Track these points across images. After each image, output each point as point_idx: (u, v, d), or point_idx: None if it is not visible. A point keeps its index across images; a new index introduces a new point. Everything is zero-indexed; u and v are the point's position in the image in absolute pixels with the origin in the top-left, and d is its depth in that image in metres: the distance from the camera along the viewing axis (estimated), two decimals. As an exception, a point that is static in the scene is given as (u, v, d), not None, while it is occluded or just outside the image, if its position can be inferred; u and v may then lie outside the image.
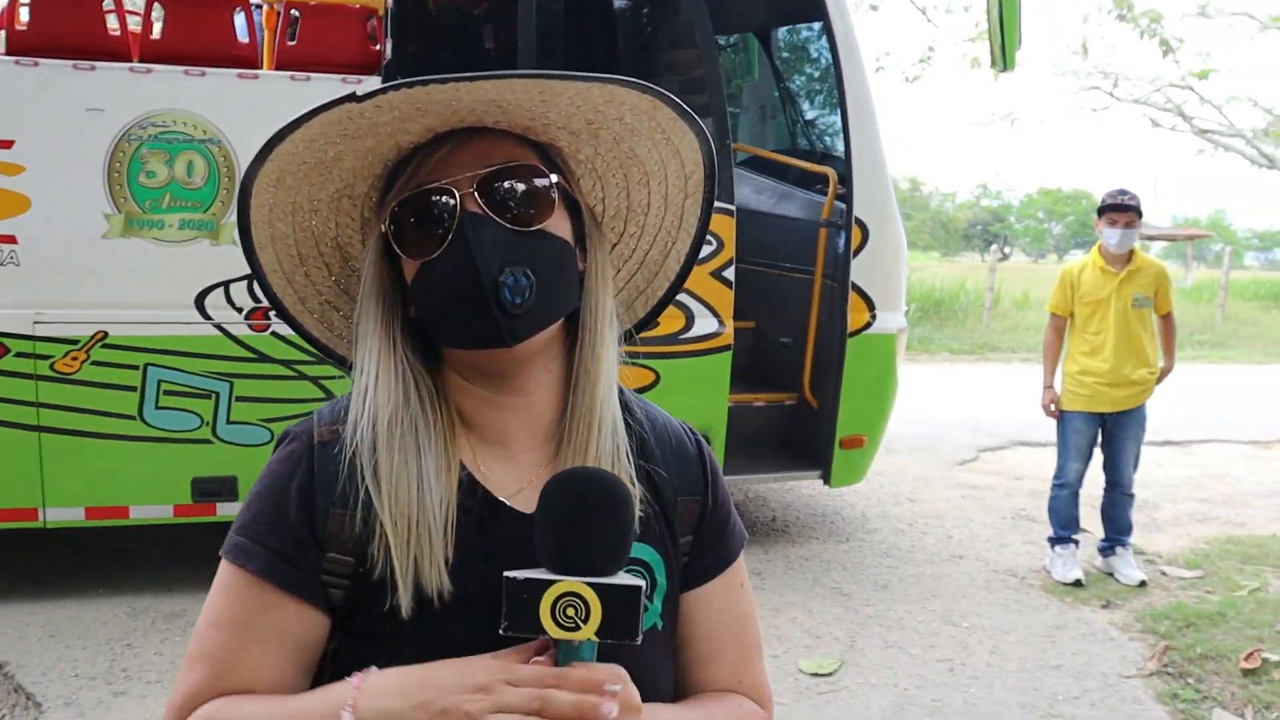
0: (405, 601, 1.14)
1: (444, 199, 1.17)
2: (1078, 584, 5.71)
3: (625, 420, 1.30)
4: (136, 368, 4.94)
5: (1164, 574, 6.01)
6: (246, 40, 5.14)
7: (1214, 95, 25.89)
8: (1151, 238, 42.22)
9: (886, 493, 7.67)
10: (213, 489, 5.12)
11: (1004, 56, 5.85)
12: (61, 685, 4.37)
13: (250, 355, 5.03)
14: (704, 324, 5.54)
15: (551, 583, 1.04)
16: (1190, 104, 28.17)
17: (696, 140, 1.27)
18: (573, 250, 1.25)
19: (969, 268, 33.53)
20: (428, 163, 1.20)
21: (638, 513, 1.19)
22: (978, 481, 8.19)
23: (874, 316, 5.99)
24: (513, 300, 1.15)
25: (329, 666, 1.23)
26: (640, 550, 1.24)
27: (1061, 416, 5.91)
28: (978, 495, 7.73)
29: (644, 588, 1.07)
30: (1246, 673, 4.64)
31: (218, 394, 5.02)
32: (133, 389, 4.95)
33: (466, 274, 1.15)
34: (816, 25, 6.67)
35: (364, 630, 1.19)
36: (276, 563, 1.19)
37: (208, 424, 5.04)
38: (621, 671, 1.07)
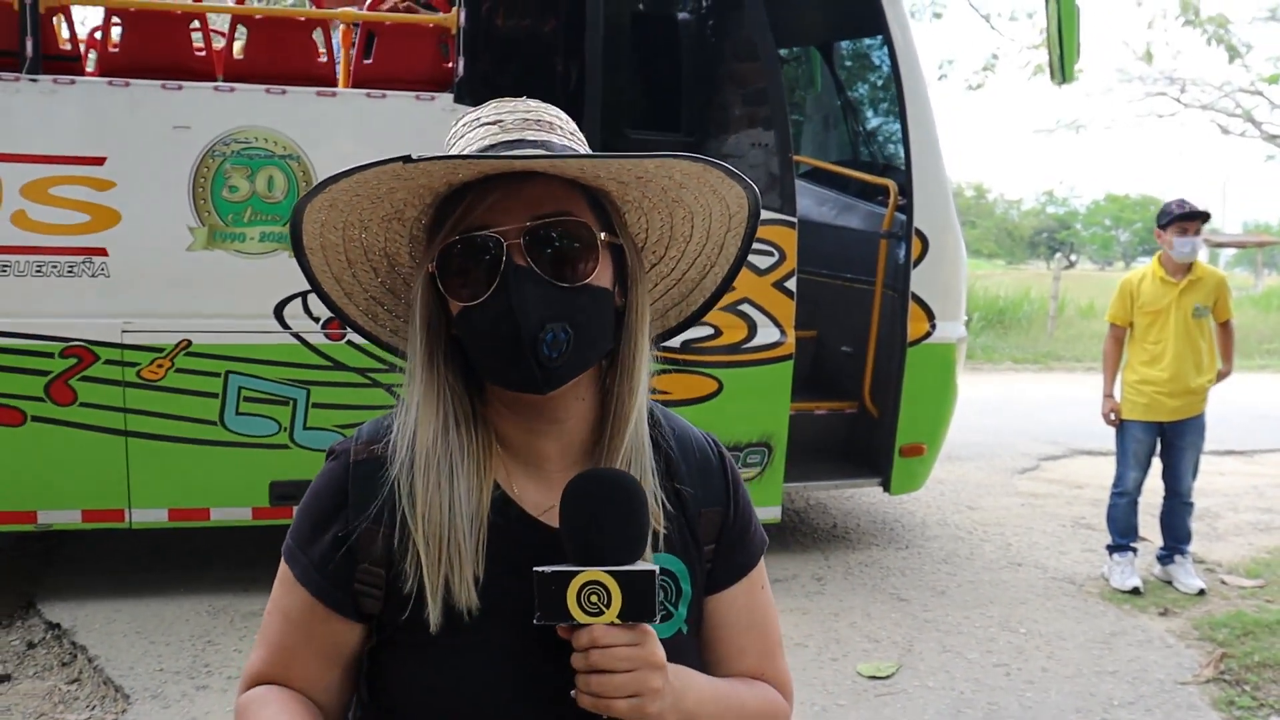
0: (435, 617, 1.23)
1: (490, 246, 1.22)
2: (1135, 592, 5.75)
3: (654, 438, 1.37)
4: (218, 375, 5.13)
5: (1224, 583, 6.03)
6: (325, 59, 5.33)
7: (1284, 101, 25.44)
8: (1221, 244, 41.65)
9: (947, 500, 7.73)
10: (290, 493, 5.30)
11: (1063, 69, 5.93)
12: (147, 679, 4.56)
13: (326, 363, 5.21)
14: (766, 334, 5.66)
15: (576, 573, 1.16)
16: (1260, 109, 27.79)
17: (744, 192, 1.32)
18: (611, 296, 1.30)
19: (1034, 276, 33.26)
20: (478, 206, 1.24)
21: (655, 518, 1.29)
22: (1038, 490, 8.21)
23: (934, 326, 6.07)
24: (550, 355, 1.21)
25: (365, 666, 1.35)
26: (666, 560, 1.33)
27: (1121, 425, 5.95)
28: (1038, 503, 7.77)
29: (657, 572, 1.18)
30: (1304, 681, 4.67)
31: (295, 400, 5.21)
32: (214, 395, 5.15)
33: (508, 326, 1.21)
34: (877, 38, 6.75)
35: (396, 638, 1.29)
36: (311, 572, 1.30)
37: (285, 429, 5.23)
38: (647, 630, 1.18)
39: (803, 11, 7.16)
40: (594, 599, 1.16)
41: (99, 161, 4.89)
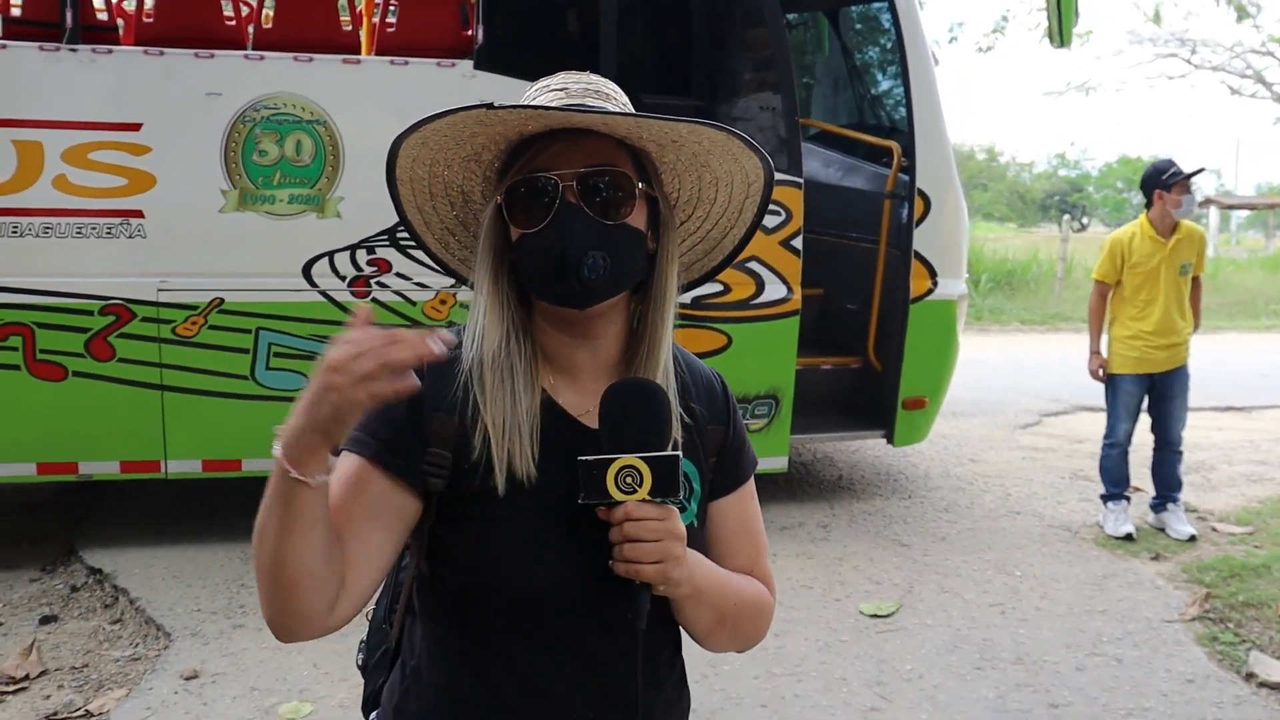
0: (501, 482, 1.46)
1: (549, 187, 1.46)
2: (1128, 538, 5.99)
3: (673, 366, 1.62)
4: (249, 331, 5.37)
5: (1215, 530, 6.27)
6: (349, 28, 5.55)
7: (1296, 61, 25.44)
8: (1232, 206, 41.64)
9: (949, 454, 7.97)
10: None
11: (1061, 33, 6.11)
12: (186, 619, 4.83)
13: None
14: (773, 290, 5.88)
15: (613, 460, 1.39)
16: (1270, 70, 27.78)
17: (760, 163, 1.57)
18: (644, 236, 1.52)
19: (1045, 238, 33.32)
20: (543, 153, 1.47)
21: (676, 421, 1.51)
22: (1039, 444, 8.45)
23: (935, 283, 6.29)
24: (589, 276, 1.44)
25: (425, 545, 1.53)
26: (684, 465, 1.53)
27: (1111, 379, 6.16)
28: (1038, 457, 8.01)
29: (680, 456, 1.42)
30: (1286, 619, 4.91)
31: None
32: (245, 351, 5.39)
33: (557, 250, 1.44)
34: (882, 3, 6.93)
35: (463, 511, 1.49)
36: (384, 452, 1.48)
37: (314, 383, 5.46)
38: (670, 508, 1.42)
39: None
40: (629, 480, 1.39)
41: (135, 128, 5.11)
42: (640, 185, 1.51)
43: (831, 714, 4.10)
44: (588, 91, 1.54)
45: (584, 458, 1.40)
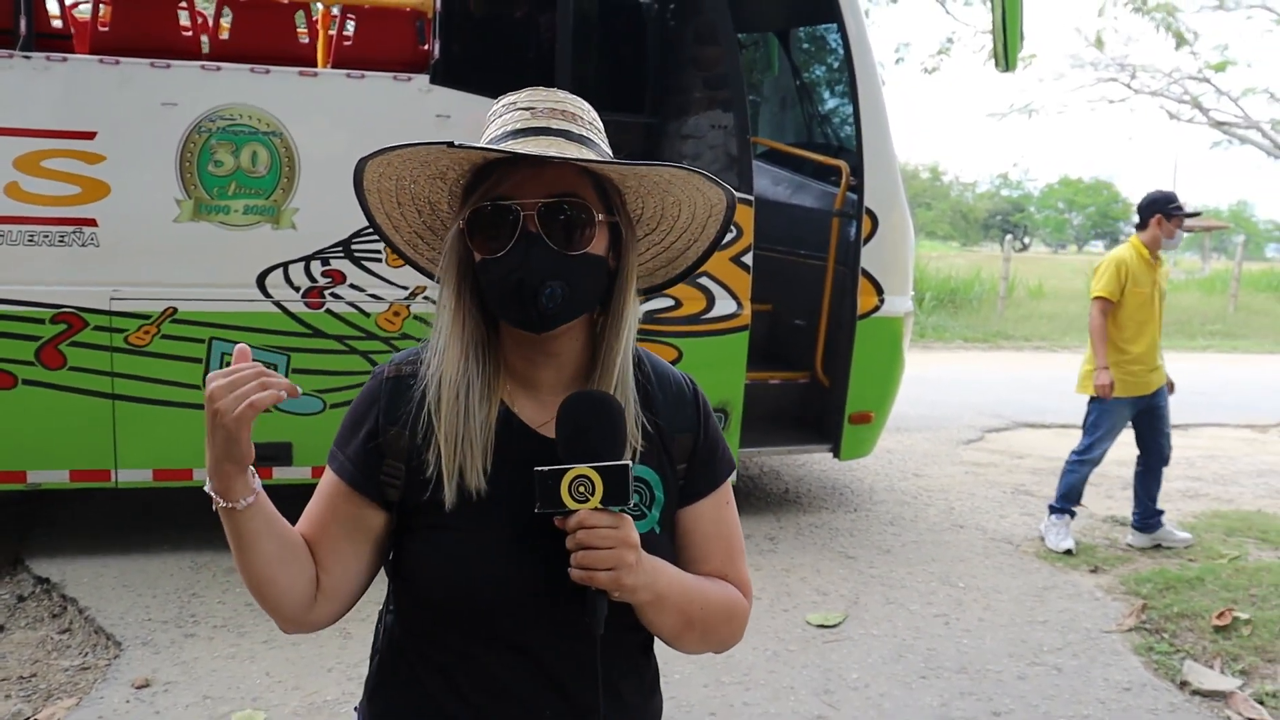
0: (450, 496, 1.52)
1: (511, 215, 1.49)
2: (1068, 553, 6.12)
3: (635, 374, 1.65)
4: (202, 341, 5.38)
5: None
6: (306, 40, 5.58)
7: (1231, 87, 25.99)
8: (1170, 229, 42.39)
9: (894, 468, 8.10)
10: (270, 454, 5.55)
11: (1006, 57, 6.25)
12: (137, 628, 4.82)
13: (306, 331, 5.47)
14: (724, 305, 5.97)
15: (567, 470, 1.45)
16: (1207, 96, 28.38)
17: (723, 194, 1.62)
18: (604, 262, 1.56)
19: (987, 257, 33.79)
20: (506, 180, 1.50)
21: (633, 437, 1.57)
22: (982, 459, 8.60)
23: (882, 300, 6.41)
24: (547, 305, 1.49)
25: (390, 553, 1.63)
26: (642, 471, 1.62)
27: (1101, 401, 6.21)
28: (980, 472, 8.15)
29: (630, 466, 1.47)
30: (1218, 629, 5.05)
31: (276, 366, 5.46)
32: (198, 360, 5.39)
33: (515, 278, 1.49)
34: (832, 26, 7.05)
35: (419, 521, 1.57)
36: (346, 464, 1.59)
37: (266, 393, 5.46)
38: (624, 517, 1.47)
39: (763, 1, 7.45)
40: (582, 489, 1.44)
41: (90, 136, 5.11)
42: (600, 216, 1.54)
43: (780, 722, 4.18)
44: (553, 112, 1.57)
45: (540, 468, 1.45)
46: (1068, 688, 4.54)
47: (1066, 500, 6.32)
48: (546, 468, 1.46)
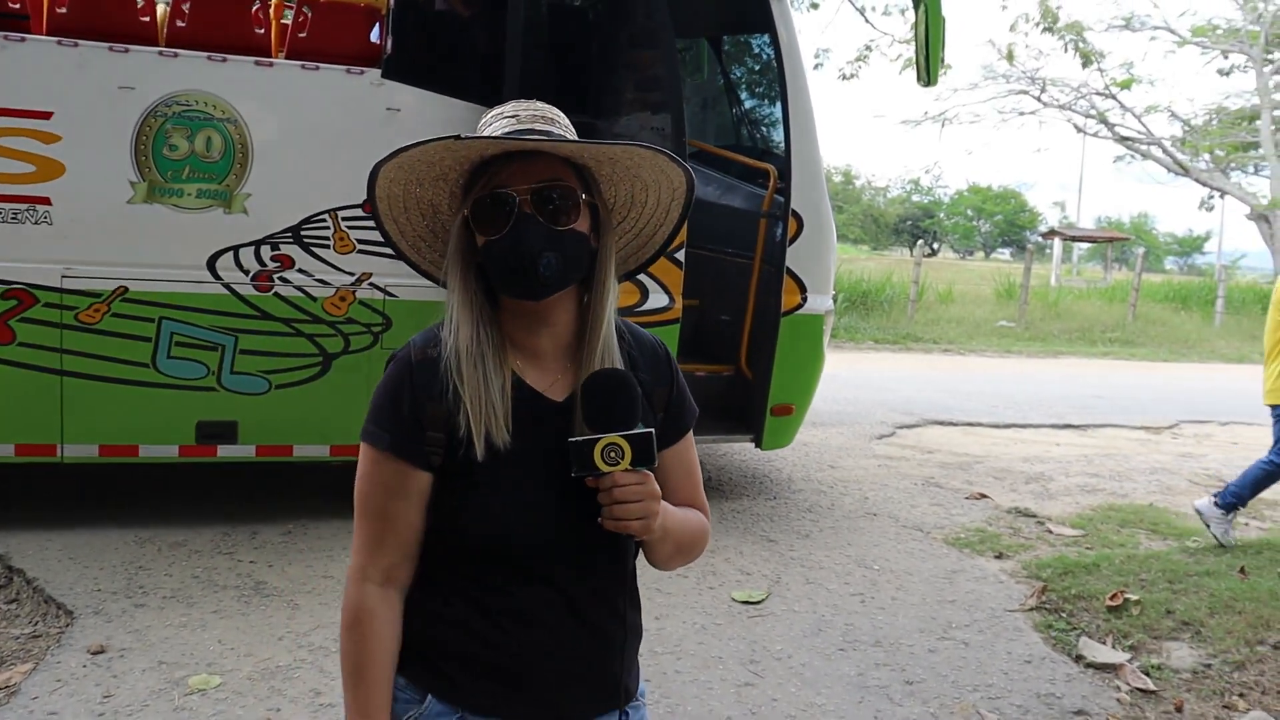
0: (480, 450, 1.77)
1: (509, 200, 1.76)
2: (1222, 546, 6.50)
3: (619, 341, 1.93)
4: (152, 320, 5.51)
5: (1050, 532, 6.83)
6: (262, 31, 5.73)
7: (1134, 105, 26.91)
8: (1076, 238, 43.50)
9: (811, 460, 8.45)
10: (215, 432, 5.71)
11: (928, 71, 6.60)
12: (87, 598, 4.94)
13: (254, 313, 5.63)
14: (656, 299, 6.24)
15: (599, 439, 1.70)
16: (1113, 112, 29.33)
17: (683, 175, 1.91)
18: (588, 239, 1.83)
19: (897, 262, 34.53)
20: (501, 172, 1.77)
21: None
22: (893, 453, 8.99)
23: (805, 299, 6.72)
24: (544, 273, 1.76)
25: (431, 506, 1.85)
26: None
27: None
28: (892, 465, 8.53)
29: (653, 433, 1.70)
30: (1111, 610, 5.43)
31: (224, 346, 5.62)
32: (147, 339, 5.52)
33: (517, 253, 1.75)
34: (764, 36, 7.35)
35: (457, 479, 1.81)
36: (399, 441, 1.82)
37: (213, 373, 5.63)
38: (648, 474, 1.74)
39: (699, 7, 7.73)
40: (612, 454, 1.69)
41: (46, 116, 5.23)
42: (584, 196, 1.83)
43: (709, 689, 4.46)
44: (535, 118, 1.85)
45: (574, 439, 1.71)
46: (974, 660, 4.88)
47: (1239, 497, 6.55)
48: (580, 438, 1.70)
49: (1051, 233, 43.49)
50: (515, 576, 1.80)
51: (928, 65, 6.55)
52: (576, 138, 1.88)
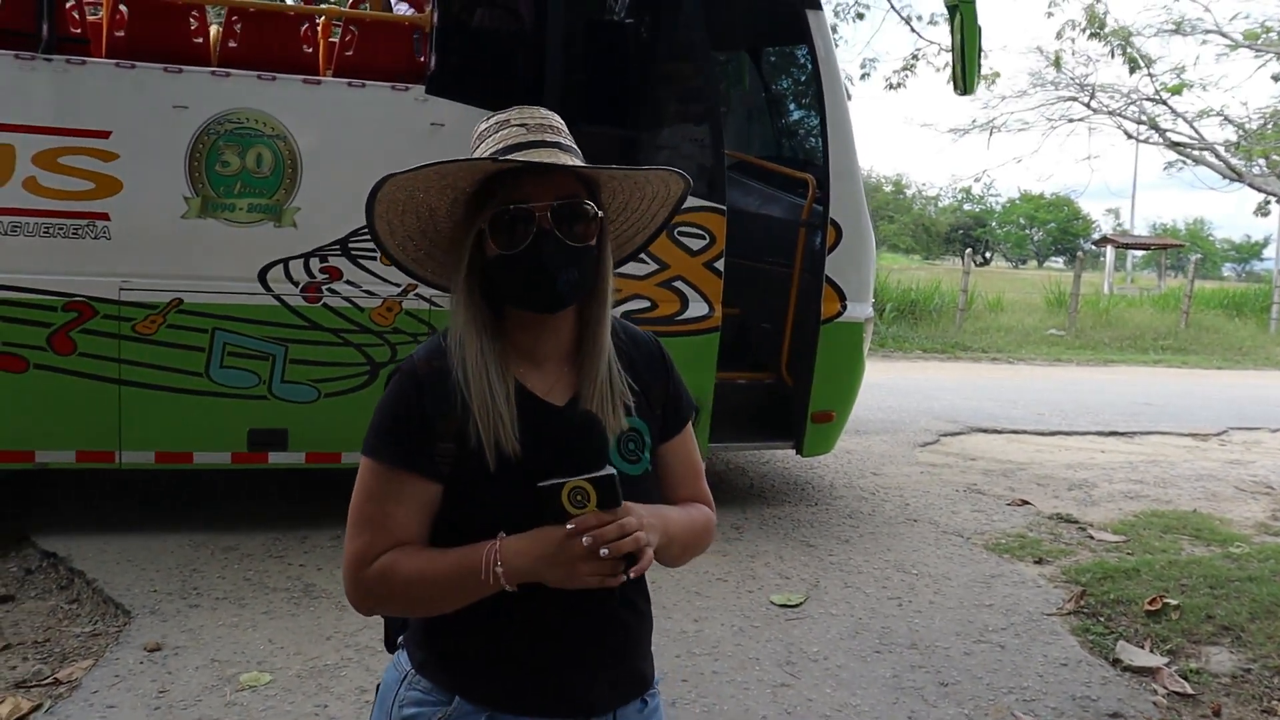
0: (491, 458, 1.81)
1: (529, 216, 1.78)
2: None
3: (616, 342, 1.98)
4: (205, 331, 5.69)
5: (1092, 538, 6.84)
6: (310, 50, 5.92)
7: (1186, 110, 26.57)
8: (1129, 245, 43.15)
9: (853, 468, 8.51)
10: (266, 440, 5.88)
11: (965, 80, 6.67)
12: (144, 598, 5.12)
13: (304, 324, 5.80)
14: (696, 308, 6.35)
15: (565, 483, 1.71)
16: (1164, 117, 29.02)
17: (682, 184, 1.94)
18: (598, 251, 1.87)
19: (947, 271, 34.40)
20: (519, 187, 1.79)
21: (624, 396, 1.90)
22: (936, 461, 9.03)
23: (844, 307, 6.81)
24: (563, 290, 1.81)
25: (446, 516, 1.88)
26: (636, 422, 1.94)
27: None
28: (935, 472, 8.57)
29: (616, 475, 1.68)
30: (1150, 614, 5.45)
31: (274, 356, 5.79)
32: (201, 350, 5.71)
33: (538, 269, 1.79)
34: (802, 48, 7.44)
35: (469, 487, 1.84)
36: (403, 454, 1.85)
37: (265, 382, 5.80)
38: (632, 506, 1.74)
39: (736, 21, 7.84)
40: (579, 498, 1.70)
41: (104, 135, 5.43)
42: (599, 213, 1.87)
43: (745, 689, 4.54)
44: (543, 127, 1.87)
45: (541, 484, 1.71)
46: (1009, 663, 4.93)
47: None
48: (546, 483, 1.70)
49: (1104, 240, 43.17)
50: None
51: (964, 74, 6.61)
52: (575, 147, 1.91)
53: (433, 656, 1.89)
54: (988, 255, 72.02)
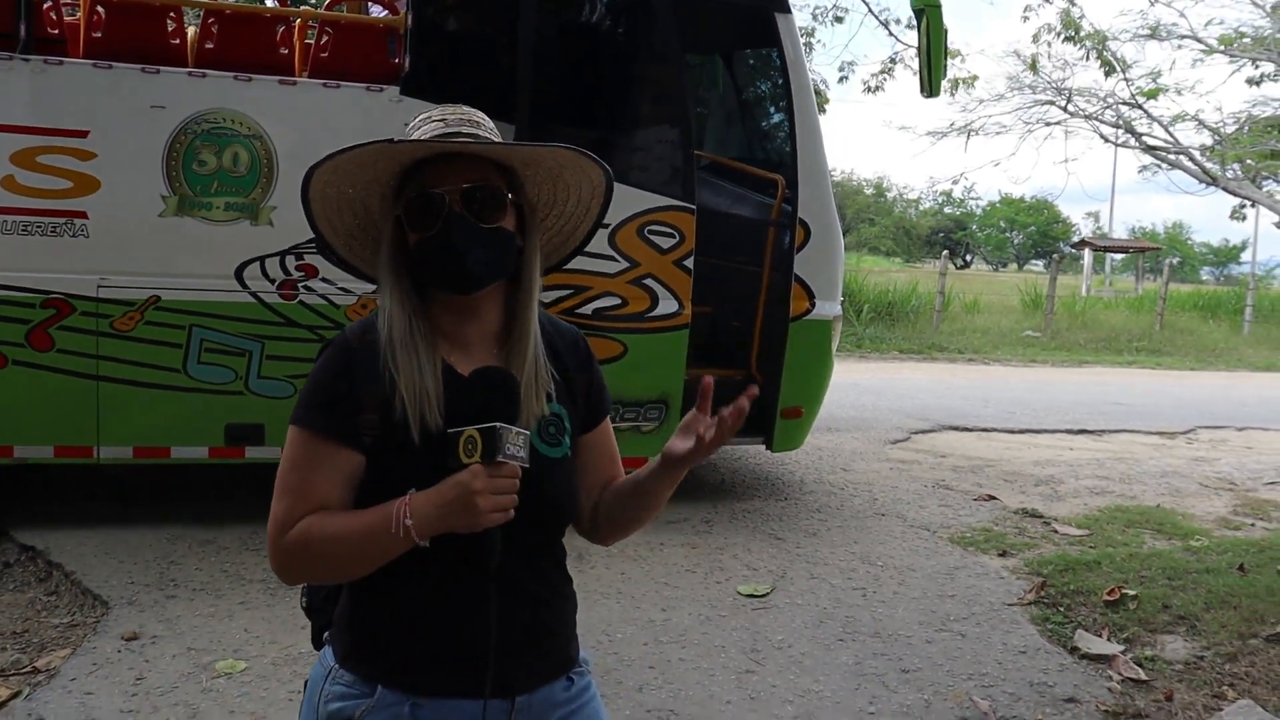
0: (415, 433, 1.87)
1: (439, 200, 1.85)
2: None
3: (542, 334, 2.06)
4: (183, 328, 5.78)
5: (1056, 531, 6.99)
6: (285, 52, 6.01)
7: (1162, 114, 26.76)
8: (1107, 248, 43.38)
9: (824, 463, 8.64)
10: (243, 434, 5.97)
11: (930, 83, 6.80)
12: (121, 589, 5.21)
13: (280, 320, 5.89)
14: (666, 305, 6.46)
15: (462, 431, 1.78)
16: (1140, 121, 29.21)
17: (602, 174, 1.99)
18: (514, 237, 1.93)
19: (928, 274, 34.61)
20: (432, 173, 1.87)
21: (545, 383, 1.97)
22: (906, 457, 9.17)
23: (813, 305, 6.93)
24: (473, 269, 1.86)
25: (368, 488, 1.93)
26: (556, 408, 2.02)
27: None
28: (905, 468, 8.71)
29: (497, 427, 1.73)
30: (1109, 604, 5.58)
31: (251, 352, 5.88)
32: (178, 346, 5.79)
33: (448, 249, 1.84)
34: (772, 50, 7.56)
35: (390, 461, 1.89)
36: (331, 422, 1.90)
37: (241, 378, 5.89)
38: (504, 465, 1.76)
39: (707, 24, 7.96)
40: (470, 446, 1.77)
41: (82, 134, 5.51)
42: (509, 196, 1.95)
43: (711, 675, 4.66)
44: (463, 121, 1.95)
45: (446, 431, 1.80)
46: (969, 650, 5.06)
47: None
48: (450, 430, 1.78)
49: (1082, 243, 43.42)
50: (454, 558, 1.84)
51: (930, 76, 6.74)
52: (497, 141, 1.99)
53: (354, 650, 1.92)
54: (968, 258, 72.35)
